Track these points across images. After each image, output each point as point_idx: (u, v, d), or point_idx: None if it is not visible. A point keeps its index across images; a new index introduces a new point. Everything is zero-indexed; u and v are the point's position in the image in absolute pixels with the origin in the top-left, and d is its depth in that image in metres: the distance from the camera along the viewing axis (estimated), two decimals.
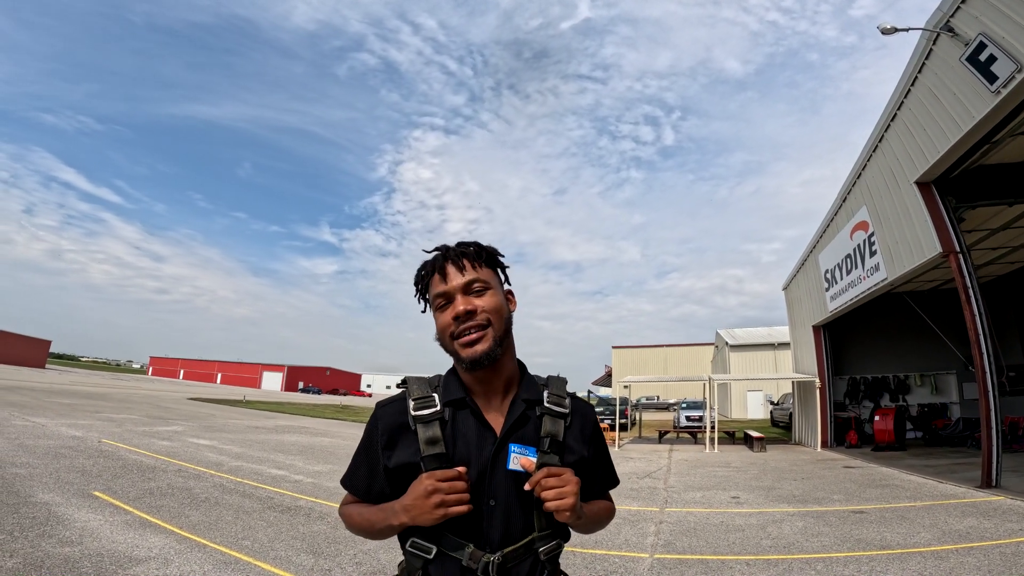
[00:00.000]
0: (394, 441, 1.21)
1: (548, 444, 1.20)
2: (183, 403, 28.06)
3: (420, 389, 1.24)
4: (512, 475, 1.16)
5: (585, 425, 1.31)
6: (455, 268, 1.21)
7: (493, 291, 1.23)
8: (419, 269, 1.28)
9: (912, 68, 9.73)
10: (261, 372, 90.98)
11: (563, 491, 1.10)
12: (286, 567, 4.41)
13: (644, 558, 5.13)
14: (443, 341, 1.22)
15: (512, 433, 1.20)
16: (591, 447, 1.31)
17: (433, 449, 1.16)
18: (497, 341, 1.19)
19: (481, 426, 1.20)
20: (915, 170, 9.98)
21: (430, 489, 1.08)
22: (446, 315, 1.20)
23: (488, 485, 1.16)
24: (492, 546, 1.14)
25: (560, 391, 1.29)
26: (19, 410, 15.64)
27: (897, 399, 18.88)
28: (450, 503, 1.08)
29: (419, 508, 1.09)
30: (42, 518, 5.21)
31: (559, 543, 1.22)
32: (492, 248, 1.29)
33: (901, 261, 11.23)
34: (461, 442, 1.18)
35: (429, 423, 1.18)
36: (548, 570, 1.19)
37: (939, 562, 4.97)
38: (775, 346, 39.63)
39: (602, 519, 1.37)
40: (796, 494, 8.72)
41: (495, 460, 1.17)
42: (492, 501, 1.16)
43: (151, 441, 11.90)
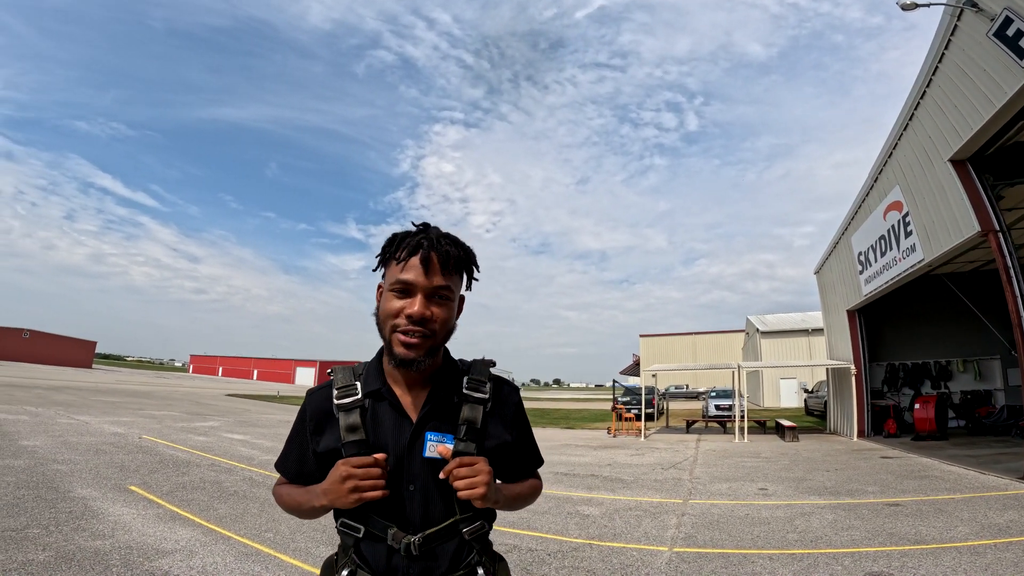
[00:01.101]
0: (321, 427, 1.26)
1: (465, 431, 1.23)
2: (221, 399, 29.00)
3: (344, 378, 1.28)
4: (429, 462, 1.20)
5: (506, 409, 1.33)
6: (437, 265, 1.19)
7: (451, 303, 1.24)
8: (396, 236, 1.24)
9: (938, 45, 9.38)
10: (295, 367, 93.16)
11: (474, 480, 1.14)
12: (304, 558, 4.50)
13: (663, 551, 5.05)
14: (382, 325, 1.23)
15: (429, 420, 1.23)
16: (513, 431, 1.34)
17: (353, 436, 1.20)
18: (431, 351, 1.21)
19: (398, 415, 1.24)
20: (948, 148, 9.54)
21: (344, 475, 1.13)
22: (399, 304, 1.18)
23: (407, 471, 1.20)
24: (414, 528, 1.18)
25: (480, 376, 1.31)
26: (65, 409, 16.38)
27: (939, 386, 18.15)
28: (364, 488, 1.12)
29: (335, 492, 1.14)
30: (78, 512, 5.43)
31: (483, 524, 1.26)
32: (472, 254, 1.29)
33: (938, 241, 10.76)
34: (380, 430, 1.22)
35: (350, 411, 1.23)
36: (476, 549, 1.24)
37: (975, 557, 4.75)
38: (809, 332, 38.55)
39: (526, 497, 1.40)
40: (828, 486, 8.47)
41: (412, 447, 1.21)
42: (411, 486, 1.20)
43: (188, 436, 12.32)
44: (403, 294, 1.19)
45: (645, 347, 58.51)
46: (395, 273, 1.20)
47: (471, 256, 1.28)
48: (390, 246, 1.24)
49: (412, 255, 1.19)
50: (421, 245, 1.19)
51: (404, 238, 1.23)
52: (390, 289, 1.21)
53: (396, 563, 1.18)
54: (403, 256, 1.19)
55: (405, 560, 1.17)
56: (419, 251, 1.18)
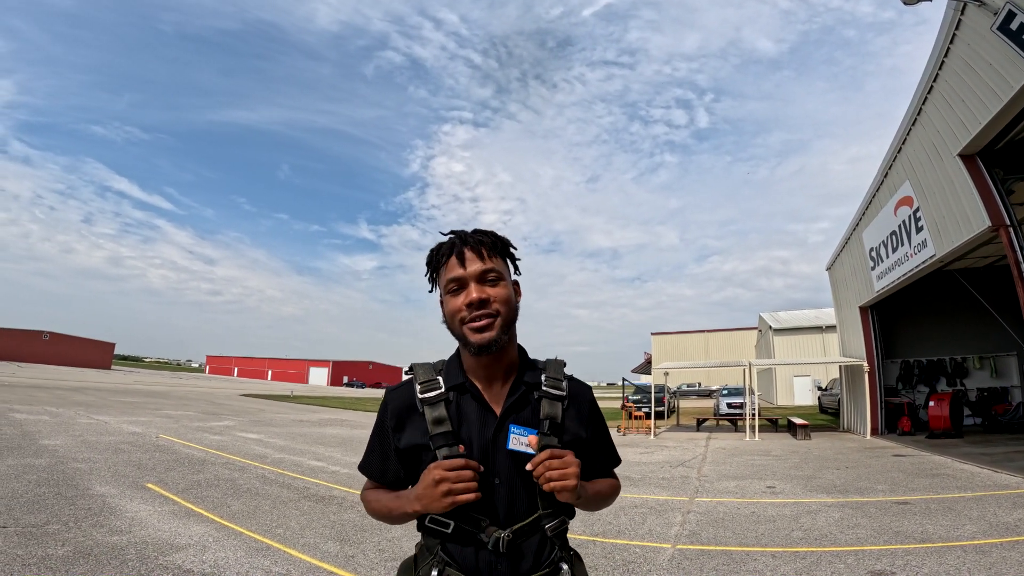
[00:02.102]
0: (403, 423, 1.29)
1: (547, 426, 1.26)
2: (236, 399, 29.43)
3: (425, 373, 1.31)
4: (512, 455, 1.22)
5: (582, 406, 1.36)
6: (473, 255, 1.24)
7: (504, 282, 1.27)
8: (434, 250, 1.31)
9: (943, 39, 9.28)
10: (308, 368, 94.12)
11: (565, 472, 1.16)
12: (313, 553, 4.62)
13: (666, 548, 5.10)
14: (451, 324, 1.26)
15: (511, 414, 1.25)
16: (589, 428, 1.36)
17: (440, 428, 1.22)
18: (504, 330, 1.24)
19: (482, 408, 1.26)
20: (957, 143, 9.44)
21: (438, 478, 1.14)
22: (458, 300, 1.23)
23: (491, 464, 1.22)
24: (500, 523, 1.20)
25: (557, 374, 1.34)
26: (85, 409, 16.77)
27: (954, 383, 17.89)
28: (457, 491, 1.14)
29: (429, 497, 1.15)
30: (96, 509, 5.60)
31: (563, 520, 1.27)
32: (506, 239, 1.33)
33: (949, 236, 10.64)
34: (465, 423, 1.25)
35: (435, 404, 1.25)
36: (557, 545, 1.24)
37: (980, 556, 4.73)
38: (823, 329, 38.11)
39: (606, 496, 1.41)
40: (837, 484, 8.44)
41: (495, 440, 1.23)
42: (496, 480, 1.21)
43: (204, 436, 12.56)
44: (457, 291, 1.24)
45: (657, 345, 58.28)
46: (444, 277, 1.26)
47: (504, 240, 1.33)
48: (431, 258, 1.31)
49: (449, 256, 1.26)
50: (454, 244, 1.27)
51: (439, 247, 1.30)
52: (446, 293, 1.26)
53: (483, 560, 1.18)
54: (443, 261, 1.27)
55: (493, 556, 1.17)
56: (453, 250, 1.26)
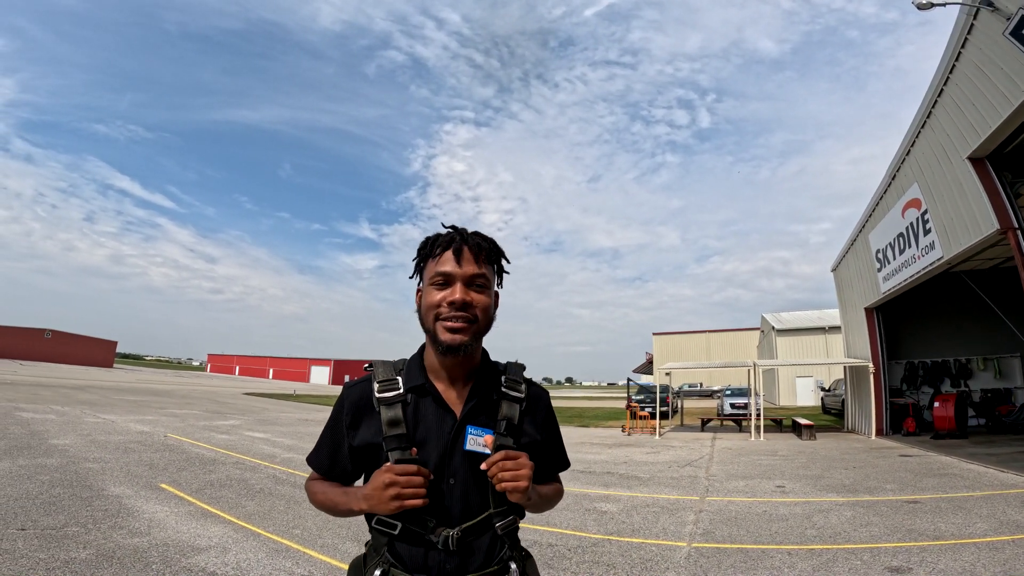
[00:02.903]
0: (358, 421, 1.29)
1: (504, 427, 1.27)
2: (239, 398, 29.46)
3: (385, 372, 1.31)
4: (469, 455, 1.23)
5: (539, 410, 1.38)
6: (471, 256, 1.25)
7: (489, 291, 1.29)
8: (430, 238, 1.31)
9: (955, 43, 9.37)
10: (310, 367, 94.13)
11: (518, 474, 1.17)
12: (332, 554, 4.65)
13: (682, 547, 5.13)
14: (425, 317, 1.27)
15: (471, 417, 1.26)
16: (544, 431, 1.38)
17: (395, 430, 1.23)
18: (476, 337, 1.25)
19: (441, 409, 1.27)
20: (967, 146, 9.50)
21: (387, 482, 1.15)
22: (440, 295, 1.23)
23: (448, 465, 1.23)
24: (452, 521, 1.21)
25: (517, 377, 1.36)
26: (90, 407, 16.80)
27: (958, 384, 17.91)
28: (406, 496, 1.14)
29: (376, 499, 1.16)
30: (113, 510, 5.62)
31: (514, 519, 1.29)
32: (502, 250, 1.35)
33: (957, 239, 10.68)
34: (422, 424, 1.25)
35: (391, 405, 1.25)
36: (508, 543, 1.27)
37: (994, 553, 4.78)
38: (825, 330, 38.13)
39: (552, 500, 1.43)
40: (846, 483, 8.47)
41: (454, 442, 1.24)
42: (451, 480, 1.23)
43: (211, 435, 12.59)
44: (443, 286, 1.24)
45: (658, 345, 58.30)
46: (432, 268, 1.26)
47: (500, 250, 1.34)
48: (425, 246, 1.31)
49: (446, 249, 1.25)
50: (454, 239, 1.26)
51: (437, 237, 1.30)
52: (430, 283, 1.26)
53: (432, 559, 1.19)
54: (438, 252, 1.26)
55: (442, 555, 1.19)
56: (452, 244, 1.25)
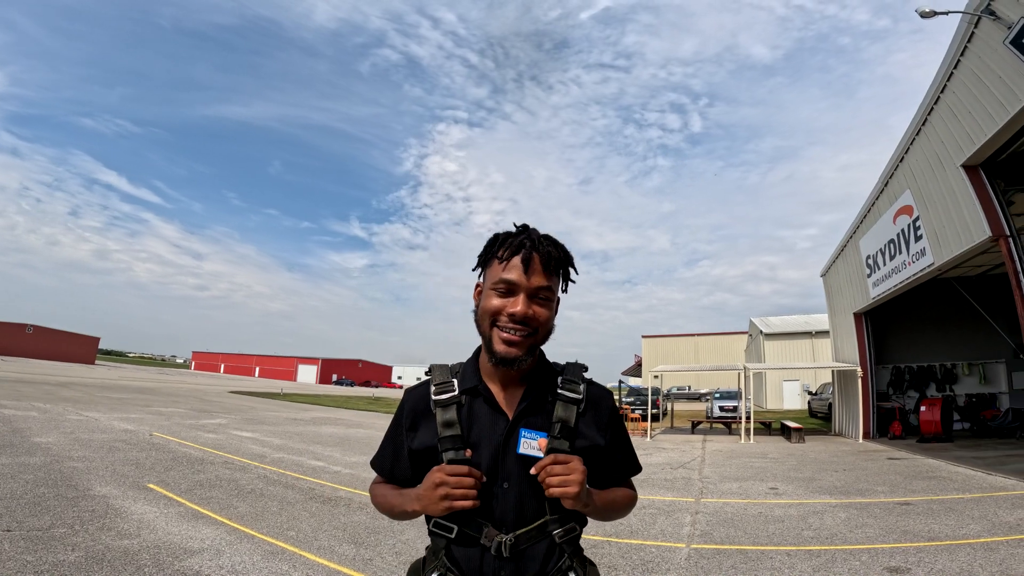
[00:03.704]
0: (416, 424, 1.28)
1: (559, 430, 1.22)
2: (225, 396, 29.08)
3: (441, 375, 1.30)
4: (523, 459, 1.19)
5: (600, 412, 1.31)
6: (539, 267, 1.19)
7: (552, 303, 1.24)
8: (500, 236, 1.25)
9: (954, 51, 9.48)
10: (297, 365, 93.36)
11: (567, 479, 1.12)
12: (330, 557, 4.56)
13: (681, 548, 5.11)
14: (481, 321, 1.23)
15: (523, 418, 1.23)
16: (607, 434, 1.31)
17: (449, 431, 1.21)
18: (531, 350, 1.21)
19: (494, 411, 1.24)
20: (961, 153, 9.62)
21: (437, 481, 1.13)
22: (501, 303, 1.19)
23: (501, 468, 1.19)
24: (507, 527, 1.17)
25: (575, 377, 1.30)
26: (73, 405, 16.46)
27: (944, 389, 18.19)
28: (455, 497, 1.12)
29: (427, 499, 1.15)
30: (100, 511, 5.47)
31: (575, 527, 1.23)
32: (571, 256, 1.29)
33: (948, 246, 10.82)
34: (476, 426, 1.23)
35: (447, 407, 1.24)
36: (567, 552, 1.20)
37: (989, 554, 4.82)
38: (812, 334, 38.56)
39: (619, 507, 1.35)
40: (838, 485, 8.53)
41: (506, 444, 1.20)
42: (505, 484, 1.19)
43: (198, 434, 12.38)
44: (505, 293, 1.19)
45: (647, 348, 58.54)
46: (497, 272, 1.20)
47: (570, 258, 1.28)
48: (492, 246, 1.25)
49: (514, 255, 1.19)
50: (523, 245, 1.19)
51: (506, 238, 1.23)
52: (492, 288, 1.21)
53: (487, 565, 1.16)
54: (505, 256, 1.20)
55: (496, 561, 1.15)
56: (521, 251, 1.19)
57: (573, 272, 1.30)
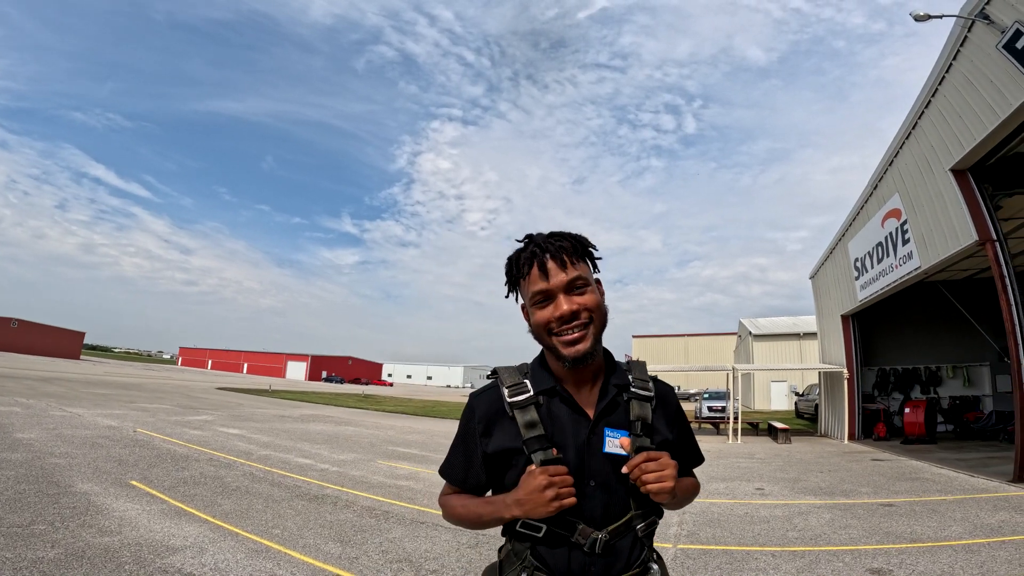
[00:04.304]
0: (491, 428, 1.26)
1: (639, 427, 1.25)
2: (212, 393, 28.82)
3: (512, 377, 1.29)
4: (607, 457, 1.21)
5: (669, 408, 1.35)
6: (556, 265, 1.21)
7: (591, 287, 1.24)
8: (512, 259, 1.28)
9: (947, 55, 9.54)
10: (286, 362, 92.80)
11: (663, 475, 1.14)
12: (315, 555, 4.52)
13: (668, 548, 5.12)
14: (540, 336, 1.25)
15: (603, 417, 1.24)
16: (675, 428, 1.35)
17: (534, 432, 1.20)
18: (597, 339, 1.22)
19: (574, 412, 1.24)
20: (950, 157, 9.71)
21: (545, 483, 1.12)
22: (546, 313, 1.21)
23: (587, 467, 1.21)
24: (595, 524, 1.19)
25: (643, 375, 1.33)
26: (56, 400, 16.24)
27: (928, 391, 18.42)
28: (564, 496, 1.13)
29: (534, 502, 1.13)
30: (82, 508, 5.39)
31: (653, 521, 1.26)
32: (585, 239, 1.29)
33: (935, 249, 10.94)
34: (557, 426, 1.23)
35: (525, 408, 1.23)
36: (647, 546, 1.24)
37: (970, 555, 4.88)
38: (800, 336, 38.93)
39: (691, 495, 1.41)
40: (822, 486, 8.60)
41: (590, 443, 1.21)
42: (592, 482, 1.20)
43: (183, 430, 12.25)
44: (544, 302, 1.22)
45: (638, 348, 58.81)
46: (529, 289, 1.24)
47: (583, 240, 1.29)
48: (511, 270, 1.29)
49: (531, 268, 1.23)
50: (535, 254, 1.23)
51: (518, 257, 1.27)
52: (532, 304, 1.24)
53: (576, 562, 1.17)
54: (525, 272, 1.24)
55: (587, 558, 1.16)
56: (535, 260, 1.22)
57: (593, 251, 1.31)
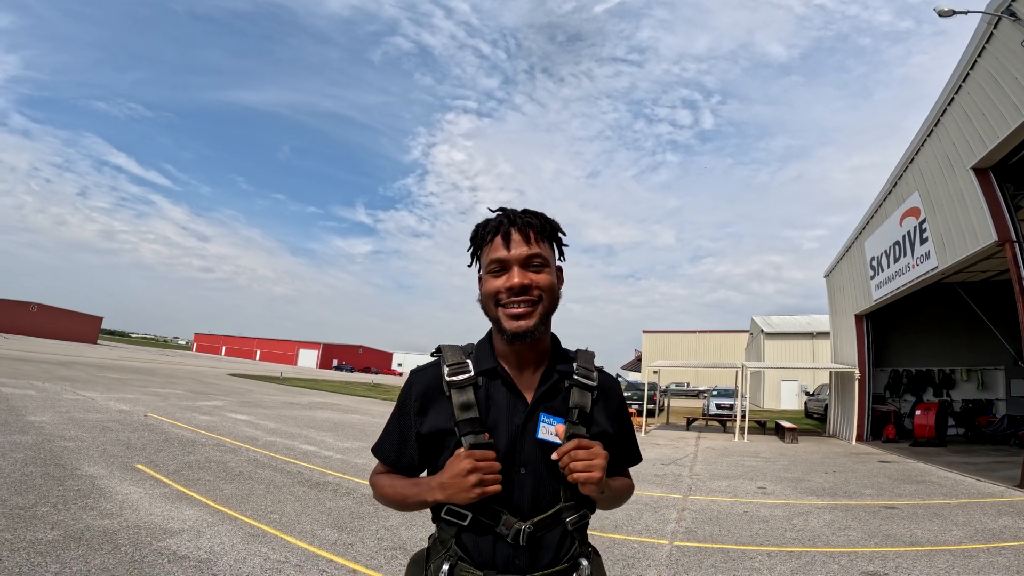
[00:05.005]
0: (427, 407, 1.23)
1: (576, 415, 1.21)
2: (224, 379, 29.20)
3: (454, 355, 1.25)
4: (541, 444, 1.17)
5: (611, 400, 1.31)
6: (520, 237, 1.19)
7: (549, 268, 1.22)
8: (479, 226, 1.26)
9: (971, 52, 9.33)
10: (298, 349, 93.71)
11: (591, 464, 1.11)
12: (310, 541, 4.57)
13: (664, 544, 5.11)
14: (487, 306, 1.22)
15: (542, 403, 1.21)
16: (616, 423, 1.31)
17: (467, 414, 1.17)
18: (543, 319, 1.19)
19: (512, 395, 1.21)
20: (972, 155, 9.50)
21: (469, 468, 1.09)
22: (498, 282, 1.18)
23: (519, 453, 1.17)
24: (523, 514, 1.14)
25: (588, 365, 1.29)
26: (71, 384, 16.56)
27: (941, 394, 18.13)
28: (488, 482, 1.10)
29: (457, 486, 1.10)
30: (86, 490, 5.48)
31: (585, 514, 1.22)
32: (556, 222, 1.27)
33: (954, 249, 10.72)
34: (493, 409, 1.19)
35: (463, 388, 1.19)
36: (578, 540, 1.20)
37: (968, 560, 4.81)
38: (813, 335, 38.48)
39: (623, 496, 1.36)
40: (826, 487, 8.52)
41: (525, 428, 1.18)
42: (522, 469, 1.17)
43: (193, 415, 12.43)
44: (499, 272, 1.19)
45: (648, 343, 58.53)
46: (488, 256, 1.21)
47: (553, 223, 1.27)
48: (475, 235, 1.26)
49: (496, 235, 1.20)
50: (501, 223, 1.21)
51: (486, 224, 1.24)
52: (487, 272, 1.21)
53: (501, 553, 1.13)
54: (489, 238, 1.21)
55: (511, 549, 1.13)
56: (500, 228, 1.20)
57: (561, 235, 1.29)
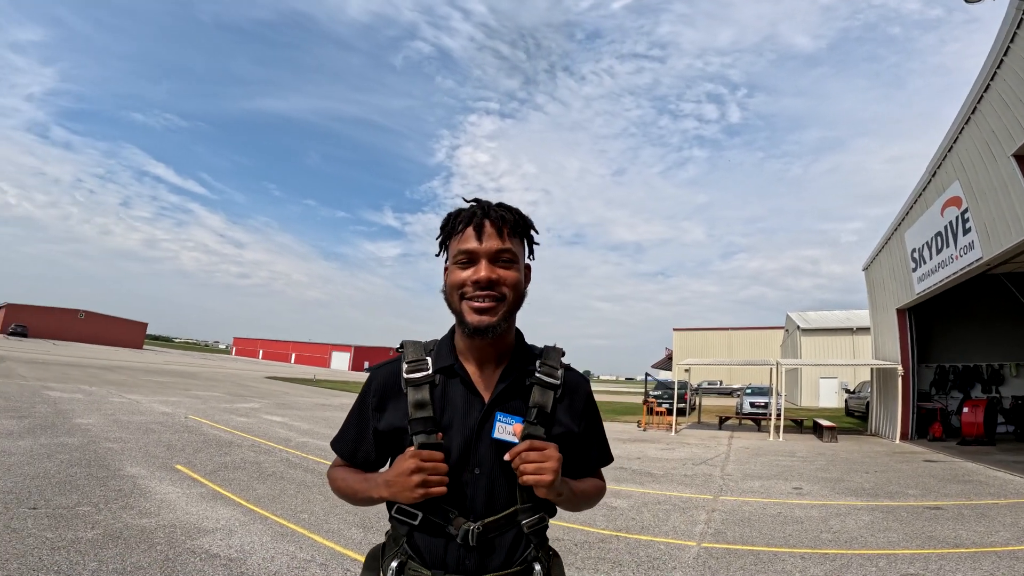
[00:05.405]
0: (384, 403, 1.22)
1: (535, 415, 1.18)
2: (261, 381, 30.04)
3: (415, 352, 1.23)
4: (497, 445, 1.15)
5: (576, 398, 1.27)
6: (493, 230, 1.17)
7: (518, 266, 1.20)
8: (452, 215, 1.23)
9: (1004, 37, 9.02)
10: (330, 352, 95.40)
11: (543, 466, 1.08)
12: (337, 540, 4.66)
13: (691, 546, 5.02)
14: (450, 297, 1.20)
15: (500, 402, 1.18)
16: (583, 422, 1.28)
17: (421, 413, 1.15)
18: (506, 316, 1.17)
19: (469, 393, 1.19)
20: (1012, 143, 9.08)
21: (413, 468, 1.08)
22: (464, 274, 1.16)
23: (473, 453, 1.15)
24: (475, 515, 1.13)
25: (553, 362, 1.26)
26: (117, 388, 17.27)
27: (989, 390, 17.29)
28: (432, 483, 1.08)
29: (401, 485, 1.09)
30: (127, 490, 5.71)
31: (543, 517, 1.20)
32: (529, 220, 1.25)
33: (998, 239, 10.21)
34: (449, 407, 1.17)
35: (419, 386, 1.18)
36: (534, 543, 1.17)
37: (1015, 563, 4.58)
38: (853, 331, 37.17)
39: (590, 497, 1.31)
40: (866, 487, 8.22)
41: (481, 428, 1.16)
42: (477, 469, 1.15)
43: (230, 417, 12.83)
44: (466, 264, 1.16)
45: (678, 341, 57.58)
46: (456, 246, 1.19)
47: (527, 220, 1.24)
48: (446, 223, 1.23)
49: (467, 226, 1.18)
50: (475, 214, 1.18)
51: (459, 213, 1.22)
52: (454, 263, 1.19)
53: (451, 554, 1.12)
54: (460, 228, 1.19)
55: (461, 550, 1.11)
56: (473, 219, 1.18)
57: (534, 233, 1.26)
